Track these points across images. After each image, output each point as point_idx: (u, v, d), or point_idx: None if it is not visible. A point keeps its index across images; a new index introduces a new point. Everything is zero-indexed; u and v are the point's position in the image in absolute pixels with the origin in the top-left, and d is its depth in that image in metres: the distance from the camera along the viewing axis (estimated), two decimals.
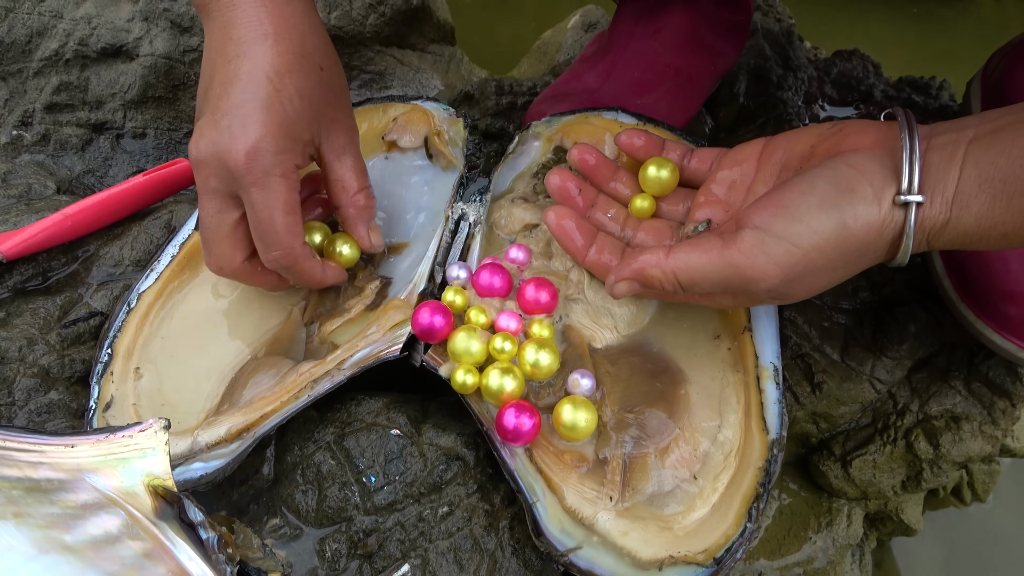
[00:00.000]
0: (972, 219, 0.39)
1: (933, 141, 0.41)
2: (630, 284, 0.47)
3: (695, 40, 0.73)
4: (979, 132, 0.40)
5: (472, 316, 0.50)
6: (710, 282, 0.43)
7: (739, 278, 0.42)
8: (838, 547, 0.64)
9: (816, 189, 0.40)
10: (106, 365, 0.50)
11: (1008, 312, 0.56)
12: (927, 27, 1.35)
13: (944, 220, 0.40)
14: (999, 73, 0.64)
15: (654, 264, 0.45)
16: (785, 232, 0.40)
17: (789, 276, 0.41)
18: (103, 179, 0.72)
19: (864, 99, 0.81)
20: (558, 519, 0.45)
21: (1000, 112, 0.40)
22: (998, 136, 0.39)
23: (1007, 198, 0.38)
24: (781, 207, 0.41)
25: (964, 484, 0.78)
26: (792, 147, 0.47)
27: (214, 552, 0.38)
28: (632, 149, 0.54)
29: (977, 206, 0.39)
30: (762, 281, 0.41)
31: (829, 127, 0.46)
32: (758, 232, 0.41)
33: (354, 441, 0.49)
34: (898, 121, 0.42)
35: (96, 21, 0.71)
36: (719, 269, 0.42)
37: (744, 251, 0.41)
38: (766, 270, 0.41)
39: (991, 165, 0.38)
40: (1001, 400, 0.63)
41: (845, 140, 0.44)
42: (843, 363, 0.62)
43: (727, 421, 0.49)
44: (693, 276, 0.43)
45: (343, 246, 0.53)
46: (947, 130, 0.41)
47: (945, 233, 0.40)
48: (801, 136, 0.47)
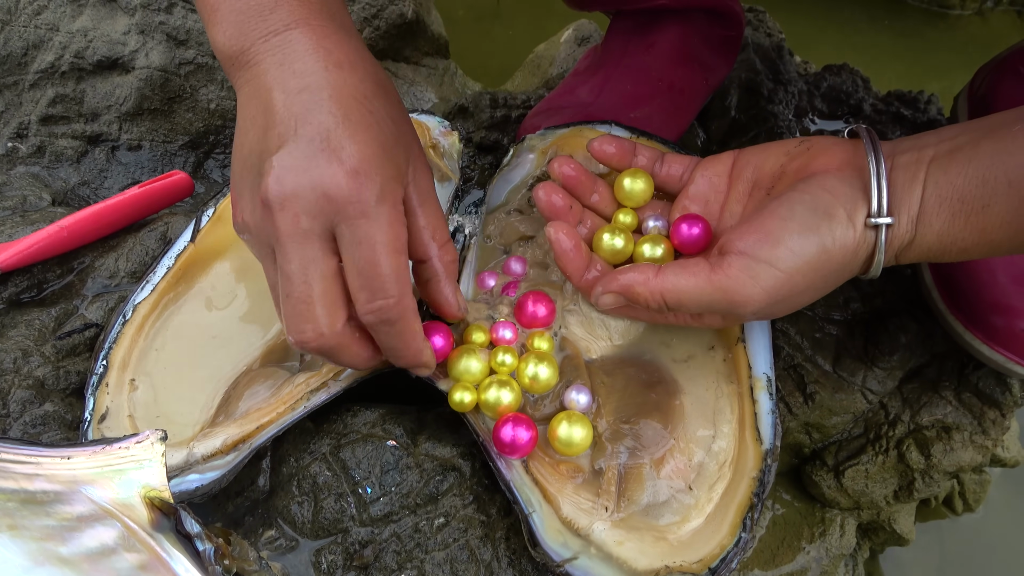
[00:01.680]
0: (934, 236, 0.41)
1: (896, 160, 0.42)
2: (616, 298, 0.47)
3: (687, 55, 0.73)
4: (938, 152, 0.41)
5: (473, 336, 0.50)
6: (697, 304, 0.44)
7: (726, 301, 0.43)
8: (831, 557, 0.65)
9: (796, 215, 0.42)
10: (101, 377, 0.50)
11: (996, 323, 0.57)
12: (915, 42, 1.37)
13: (910, 238, 0.42)
14: (985, 87, 0.65)
15: (642, 283, 0.45)
16: (769, 257, 0.42)
17: (774, 299, 0.42)
18: (98, 191, 0.72)
19: (854, 113, 0.82)
20: (554, 530, 0.45)
21: (956, 130, 0.42)
22: (955, 156, 0.40)
23: (964, 216, 0.40)
24: (764, 233, 0.42)
25: (955, 494, 0.79)
26: (761, 165, 0.48)
27: (211, 564, 0.38)
28: (605, 156, 0.53)
29: (938, 224, 0.41)
30: (748, 304, 0.43)
31: (796, 144, 0.47)
32: (743, 257, 0.42)
33: (350, 452, 0.49)
34: (863, 141, 0.43)
35: (92, 34, 0.71)
36: (707, 292, 0.43)
37: (731, 276, 0.42)
38: (752, 294, 0.42)
39: (949, 185, 0.40)
40: (991, 410, 0.63)
41: (814, 160, 0.45)
42: (835, 374, 0.62)
43: (721, 431, 0.50)
44: (680, 297, 0.44)
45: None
46: (908, 148, 0.43)
47: (911, 249, 0.42)
48: (769, 154, 0.48)
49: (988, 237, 0.40)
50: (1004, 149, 0.39)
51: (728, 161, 0.51)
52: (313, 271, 0.39)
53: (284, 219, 0.38)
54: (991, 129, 0.40)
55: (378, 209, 0.38)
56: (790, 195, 0.43)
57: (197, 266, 0.56)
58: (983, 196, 0.39)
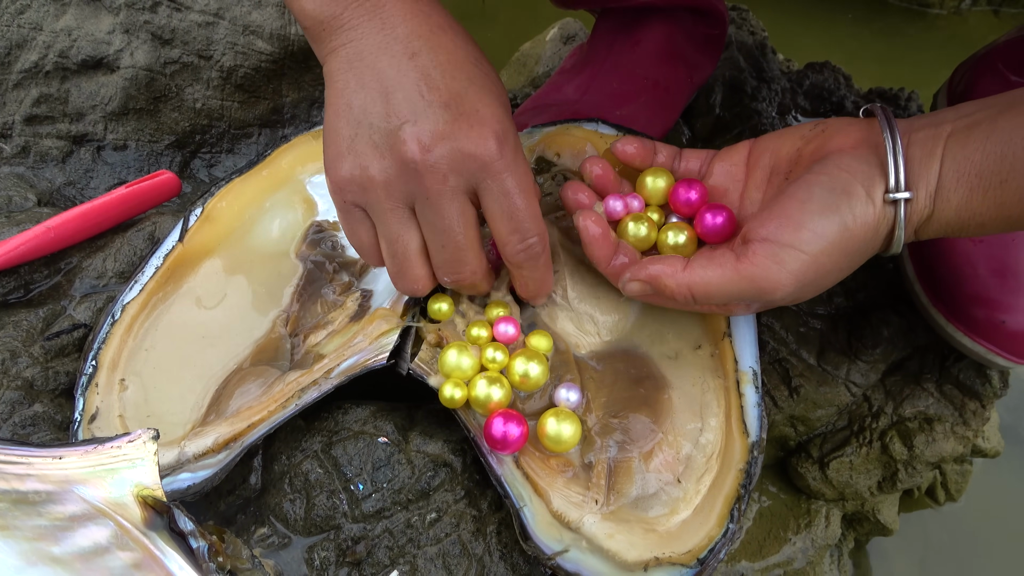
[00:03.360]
0: (952, 211, 0.42)
1: (913, 136, 0.43)
2: (643, 286, 0.47)
3: (672, 53, 0.74)
4: (955, 127, 0.42)
5: (473, 333, 0.51)
6: (725, 296, 0.44)
7: (755, 289, 0.43)
8: (817, 548, 0.66)
9: (814, 196, 0.42)
10: (91, 377, 0.50)
11: (976, 315, 0.58)
12: (896, 40, 1.39)
13: (929, 213, 0.42)
14: (964, 84, 0.66)
15: (670, 275, 0.45)
16: (793, 241, 0.42)
17: (802, 282, 0.42)
18: (84, 191, 0.71)
19: (836, 110, 0.83)
20: (545, 523, 0.46)
21: (973, 106, 0.42)
22: (973, 132, 0.41)
23: (983, 191, 0.40)
24: (785, 218, 0.43)
25: (938, 484, 0.80)
26: (778, 151, 0.48)
27: (204, 561, 0.38)
28: (627, 156, 0.54)
29: (956, 199, 0.41)
30: (778, 290, 0.43)
31: (811, 128, 0.48)
32: (768, 244, 0.42)
33: (341, 449, 0.50)
34: (878, 119, 0.44)
35: (76, 33, 0.70)
36: (734, 282, 0.43)
37: (757, 264, 0.42)
38: (780, 279, 0.42)
39: (967, 160, 0.40)
40: (972, 401, 0.64)
41: (829, 141, 0.46)
42: (819, 367, 0.63)
43: (708, 425, 0.50)
44: (709, 290, 0.44)
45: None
46: (925, 125, 0.43)
47: (930, 224, 0.43)
48: (785, 139, 0.48)
49: (1006, 212, 0.40)
50: (1022, 124, 0.39)
51: (744, 150, 0.51)
52: (466, 221, 0.44)
53: (434, 179, 0.42)
54: (1009, 106, 0.41)
55: (516, 162, 0.43)
56: (807, 177, 0.43)
57: (186, 266, 0.56)
58: (1001, 171, 0.40)
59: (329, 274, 0.57)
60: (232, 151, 0.75)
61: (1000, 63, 0.62)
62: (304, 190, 0.61)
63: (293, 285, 0.57)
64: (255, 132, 0.75)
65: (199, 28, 0.70)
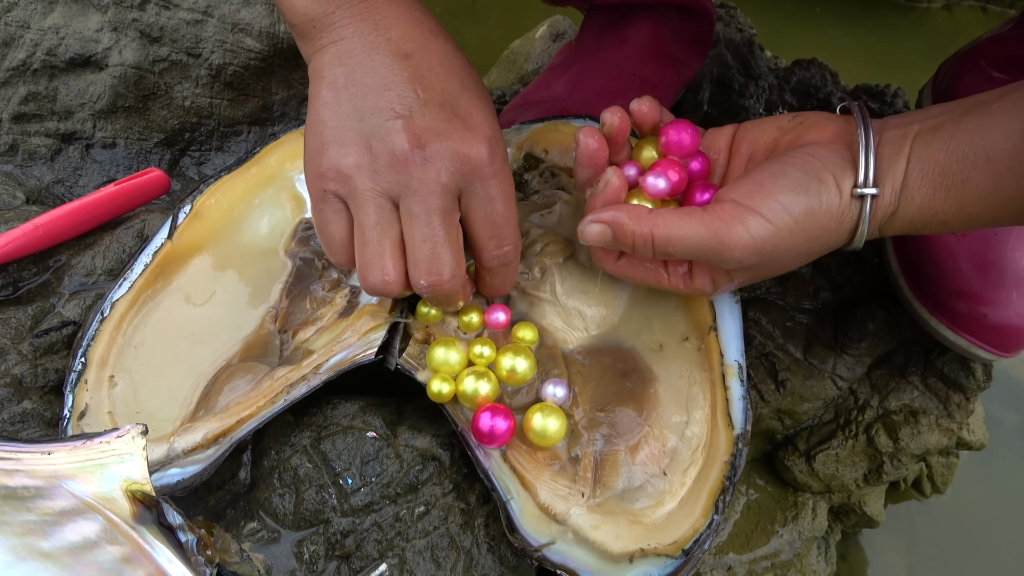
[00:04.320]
0: (916, 208, 0.43)
1: (884, 135, 0.44)
2: (603, 230, 0.46)
3: (659, 50, 0.75)
4: (923, 128, 0.43)
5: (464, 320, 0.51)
6: (686, 246, 0.44)
7: (716, 243, 0.43)
8: (804, 540, 0.66)
9: (787, 174, 0.43)
10: (80, 374, 0.51)
11: (959, 309, 0.59)
12: (883, 35, 1.39)
13: (893, 209, 0.43)
14: (948, 81, 0.67)
15: (634, 217, 0.45)
16: (760, 207, 0.43)
17: (760, 250, 0.43)
18: (73, 189, 0.71)
19: (822, 106, 0.83)
20: (532, 516, 0.46)
21: (942, 108, 0.43)
22: (938, 132, 0.42)
23: (945, 189, 0.41)
24: (756, 185, 0.43)
25: (924, 477, 0.81)
26: (757, 139, 0.49)
27: (193, 554, 0.38)
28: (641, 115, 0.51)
29: (920, 196, 0.42)
30: (736, 249, 0.43)
31: (789, 119, 0.48)
32: (735, 205, 0.43)
33: (330, 444, 0.50)
34: (854, 116, 0.45)
35: (64, 31, 0.70)
36: (698, 233, 0.43)
37: (724, 219, 0.43)
38: (742, 239, 0.42)
39: (931, 160, 0.42)
40: (956, 394, 0.65)
41: (806, 133, 0.47)
42: (806, 361, 0.64)
43: (694, 418, 0.51)
44: (671, 238, 0.44)
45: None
46: (896, 124, 0.44)
47: (894, 221, 0.43)
48: (765, 128, 0.49)
49: (967, 210, 0.41)
50: (983, 126, 0.40)
51: (728, 134, 0.51)
52: (451, 220, 0.44)
53: (426, 174, 0.42)
54: (972, 108, 0.42)
55: (503, 169, 0.44)
56: (782, 158, 0.44)
57: (175, 263, 0.56)
58: (963, 171, 0.40)
59: (318, 271, 0.57)
60: (221, 149, 0.75)
61: (983, 60, 0.63)
62: (293, 187, 0.61)
63: (282, 282, 0.57)
64: (244, 130, 0.75)
65: (188, 26, 0.70)
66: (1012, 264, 0.58)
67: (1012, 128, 0.39)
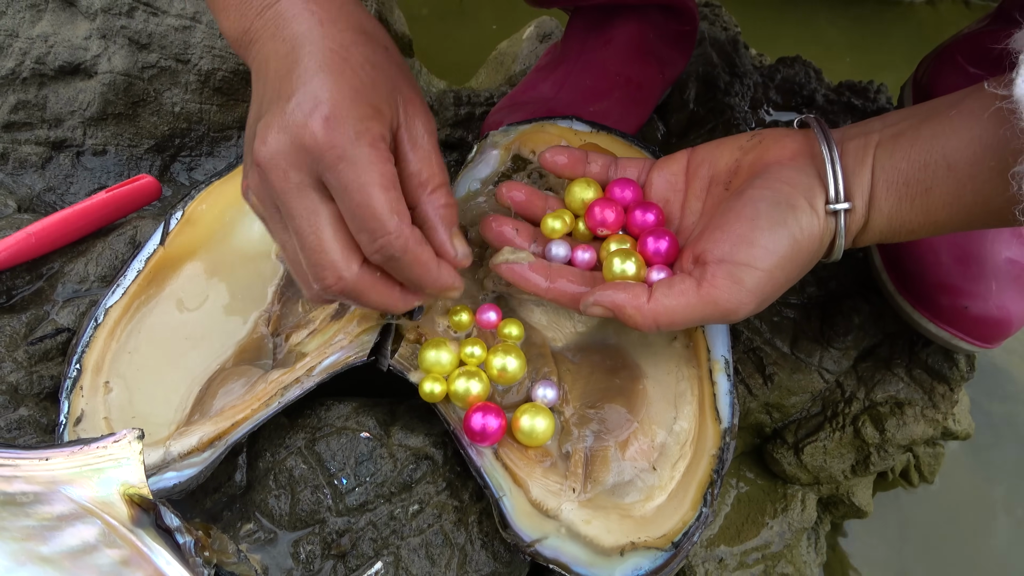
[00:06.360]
0: (884, 219, 0.43)
1: (845, 146, 0.44)
2: (604, 310, 0.47)
3: (644, 50, 0.75)
4: (883, 136, 0.43)
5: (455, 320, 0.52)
6: (689, 321, 0.45)
7: (719, 312, 0.44)
8: (794, 531, 0.67)
9: (761, 213, 0.43)
10: (75, 380, 0.51)
11: (941, 302, 0.60)
12: (867, 30, 1.41)
13: (864, 222, 0.44)
14: (927, 78, 0.67)
15: (634, 307, 0.45)
16: (748, 259, 0.43)
17: (760, 297, 0.44)
18: (64, 196, 0.72)
19: (807, 103, 0.84)
20: (524, 512, 0.47)
21: (899, 116, 0.44)
22: (898, 141, 0.42)
23: (910, 199, 0.42)
24: (736, 236, 0.44)
25: (911, 467, 0.82)
26: (716, 161, 0.50)
27: (191, 556, 0.39)
28: (557, 168, 0.53)
29: (887, 207, 0.43)
30: (741, 309, 0.43)
31: (748, 138, 0.49)
32: (724, 265, 0.43)
33: (325, 445, 0.51)
34: (813, 130, 0.45)
35: (53, 39, 0.71)
36: (698, 309, 0.44)
37: (718, 286, 0.43)
38: (741, 299, 0.43)
39: (894, 170, 0.42)
40: (940, 385, 0.66)
41: (767, 152, 0.47)
42: (793, 355, 0.65)
43: (682, 413, 0.52)
44: (674, 319, 0.45)
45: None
46: (856, 134, 0.44)
47: (866, 232, 0.44)
48: (723, 150, 0.50)
49: (932, 218, 0.42)
50: (942, 133, 0.41)
51: (683, 160, 0.52)
52: (317, 219, 0.40)
53: (277, 177, 0.39)
54: (929, 115, 0.42)
55: (355, 151, 0.38)
56: (751, 193, 0.45)
57: (167, 268, 0.57)
58: (925, 179, 0.41)
59: None
60: (212, 154, 0.76)
61: (960, 56, 0.64)
62: None
63: (274, 285, 0.58)
64: (234, 135, 0.76)
65: (176, 32, 0.70)
66: (991, 257, 0.59)
67: (971, 135, 0.39)
